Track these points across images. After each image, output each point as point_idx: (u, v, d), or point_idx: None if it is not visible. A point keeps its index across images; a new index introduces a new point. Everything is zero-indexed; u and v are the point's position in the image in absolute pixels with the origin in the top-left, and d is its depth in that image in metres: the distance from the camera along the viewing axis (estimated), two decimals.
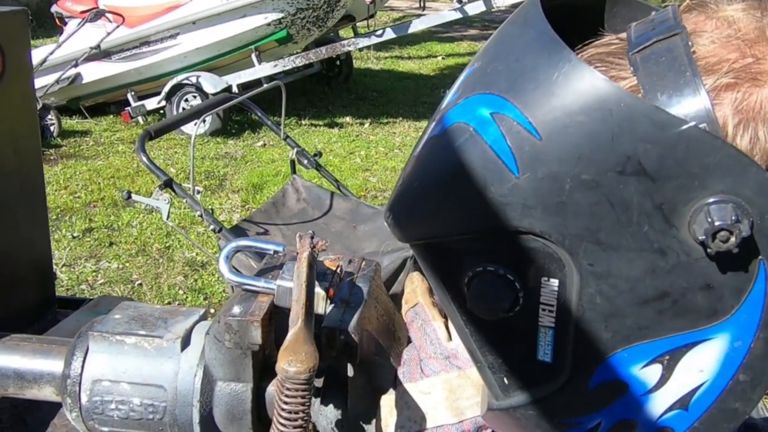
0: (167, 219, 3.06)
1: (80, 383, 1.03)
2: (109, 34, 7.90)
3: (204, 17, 7.95)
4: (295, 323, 0.85)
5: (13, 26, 1.72)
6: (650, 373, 0.64)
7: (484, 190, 0.64)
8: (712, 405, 0.64)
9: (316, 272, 0.97)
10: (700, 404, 0.64)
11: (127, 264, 5.29)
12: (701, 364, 0.62)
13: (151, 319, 1.08)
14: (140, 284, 5.00)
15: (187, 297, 4.82)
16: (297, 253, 0.99)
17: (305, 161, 3.78)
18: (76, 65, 7.95)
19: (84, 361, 1.03)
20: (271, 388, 1.03)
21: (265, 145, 8.02)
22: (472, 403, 0.86)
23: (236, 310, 0.96)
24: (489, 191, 0.63)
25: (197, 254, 5.36)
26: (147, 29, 8.12)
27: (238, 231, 3.21)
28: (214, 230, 3.09)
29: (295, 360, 0.76)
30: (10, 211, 1.75)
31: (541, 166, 0.61)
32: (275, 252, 1.03)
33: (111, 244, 5.58)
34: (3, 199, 1.72)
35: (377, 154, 7.73)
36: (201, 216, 3.08)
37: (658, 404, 0.65)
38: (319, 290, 0.96)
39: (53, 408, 1.59)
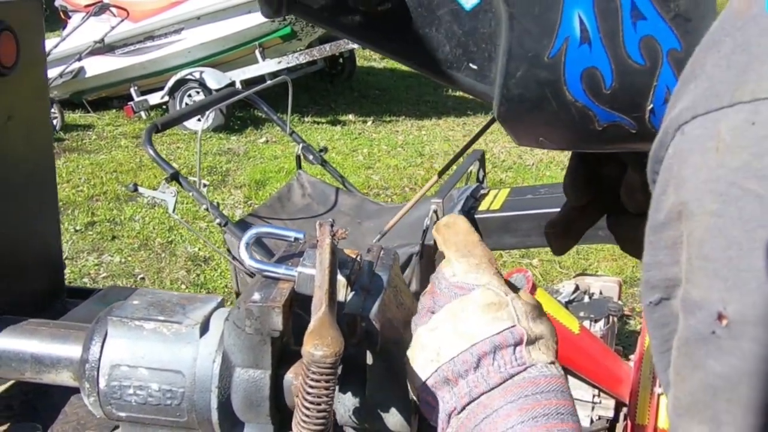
0: (173, 212, 3.06)
1: (99, 368, 1.03)
2: (113, 28, 7.90)
3: (209, 13, 7.95)
4: (319, 309, 0.85)
5: (26, 15, 1.72)
6: None
7: None
8: None
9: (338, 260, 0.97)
10: None
11: (130, 258, 5.29)
12: None
13: (170, 305, 1.08)
14: (142, 278, 5.01)
15: (189, 292, 4.82)
16: (317, 240, 1.00)
17: (311, 157, 3.78)
18: (79, 59, 7.95)
19: (102, 346, 1.03)
20: (289, 375, 1.04)
21: (267, 141, 8.02)
22: (481, 323, 0.81)
23: (257, 296, 0.96)
24: None
25: (199, 249, 5.36)
26: (151, 24, 8.13)
27: (243, 225, 3.21)
28: (219, 224, 3.08)
29: (321, 344, 0.76)
30: (22, 200, 1.75)
31: None
32: (295, 239, 1.03)
33: (113, 237, 5.58)
34: (15, 188, 1.72)
35: (380, 152, 7.73)
36: (207, 209, 3.07)
37: None
38: (340, 277, 0.96)
39: (64, 396, 1.59)
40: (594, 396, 2.99)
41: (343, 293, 0.97)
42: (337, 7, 0.72)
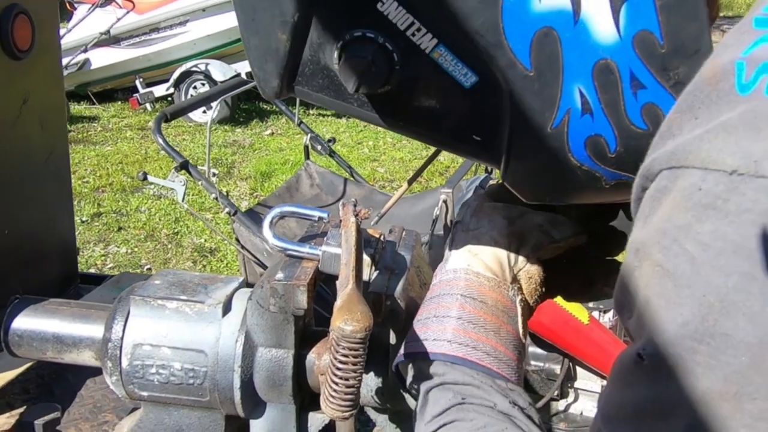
0: (182, 200, 3.05)
1: (121, 347, 1.03)
2: (118, 20, 7.88)
3: (214, 4, 7.93)
4: (345, 286, 0.85)
5: (43, 0, 1.72)
6: None
7: None
8: None
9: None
10: None
11: (136, 249, 5.29)
12: None
13: (191, 285, 1.08)
14: (149, 269, 5.00)
15: None
16: (340, 220, 1.00)
17: (319, 147, 3.78)
18: (85, 51, 7.94)
19: (125, 325, 1.03)
20: (312, 355, 1.04)
21: (273, 133, 8.02)
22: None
23: (281, 275, 0.96)
24: None
25: (205, 240, 5.36)
26: (157, 16, 8.11)
27: (252, 215, 3.21)
28: (229, 213, 3.08)
29: (351, 319, 0.76)
30: (37, 186, 1.75)
31: None
32: (319, 218, 1.03)
33: (120, 228, 5.58)
34: (30, 174, 1.72)
35: (385, 145, 7.72)
36: (216, 199, 3.07)
37: None
38: (365, 256, 0.96)
39: (80, 379, 1.59)
40: (602, 386, 2.98)
41: (368, 272, 0.97)
42: (337, 90, 0.73)
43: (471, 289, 0.85)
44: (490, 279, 0.87)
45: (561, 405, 3.05)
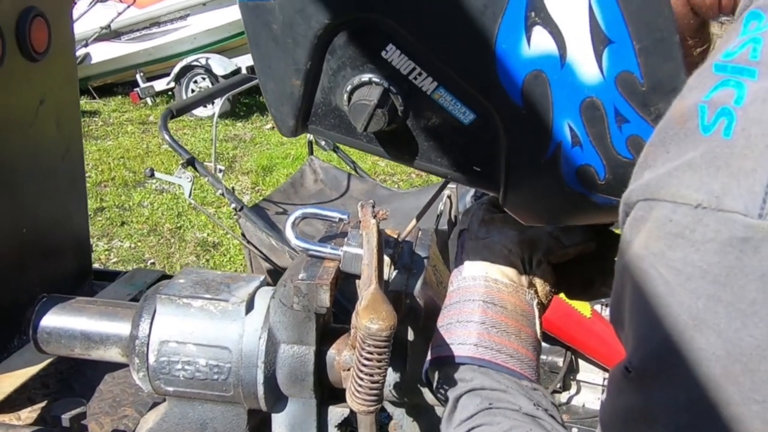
0: (189, 197, 3.08)
1: (148, 344, 1.07)
2: (119, 14, 7.89)
3: None
4: (368, 285, 0.88)
5: (58, 2, 1.74)
6: None
7: None
8: None
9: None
10: None
11: (139, 243, 5.32)
12: None
13: (214, 283, 1.12)
14: (153, 263, 5.04)
15: None
16: (359, 221, 1.03)
17: (323, 142, 3.81)
18: (86, 45, 7.94)
19: (152, 323, 1.07)
20: (332, 351, 1.07)
21: (273, 127, 8.02)
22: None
23: (304, 274, 0.99)
24: None
25: (208, 234, 5.39)
26: (157, 10, 8.12)
27: (258, 210, 3.24)
28: (235, 209, 3.11)
29: (377, 318, 0.79)
30: (53, 183, 1.78)
31: None
32: (339, 219, 1.06)
33: (122, 223, 5.61)
34: (47, 172, 1.75)
35: None
36: (222, 194, 3.09)
37: None
38: (385, 256, 0.99)
39: (98, 374, 1.63)
40: (605, 379, 3.02)
41: (388, 272, 1.00)
42: (347, 129, 0.80)
43: (491, 295, 0.90)
44: (507, 285, 0.91)
45: (563, 397, 3.10)
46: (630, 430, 0.58)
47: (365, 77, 0.75)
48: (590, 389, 3.09)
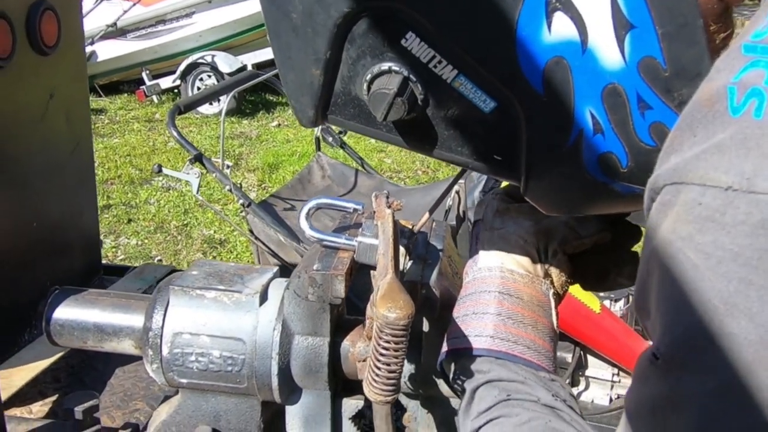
0: (197, 193, 3.08)
1: (162, 336, 1.06)
2: (125, 12, 7.90)
3: None
4: (384, 275, 0.88)
5: None
6: None
7: None
8: None
9: None
10: None
11: (146, 240, 5.33)
12: None
13: (228, 275, 1.11)
14: (160, 260, 5.04)
15: None
16: (373, 211, 1.02)
17: (330, 139, 3.81)
18: (91, 43, 7.95)
19: (165, 315, 1.06)
20: (346, 343, 1.07)
21: (279, 125, 8.04)
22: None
23: (318, 265, 0.99)
24: None
25: (215, 231, 5.40)
26: (163, 8, 8.13)
27: (265, 206, 3.24)
28: (243, 204, 3.11)
29: (394, 306, 0.79)
30: (63, 178, 1.78)
31: None
32: (354, 210, 1.06)
33: (129, 220, 5.62)
34: (57, 167, 1.75)
35: None
36: (230, 190, 3.10)
37: None
38: (400, 247, 0.99)
39: (109, 368, 1.63)
40: (613, 375, 3.02)
41: (403, 262, 1.00)
42: (367, 118, 0.80)
43: (507, 286, 0.89)
44: (523, 275, 0.90)
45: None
46: (657, 419, 0.57)
47: (385, 66, 0.74)
48: (599, 385, 3.08)
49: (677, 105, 0.68)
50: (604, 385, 3.07)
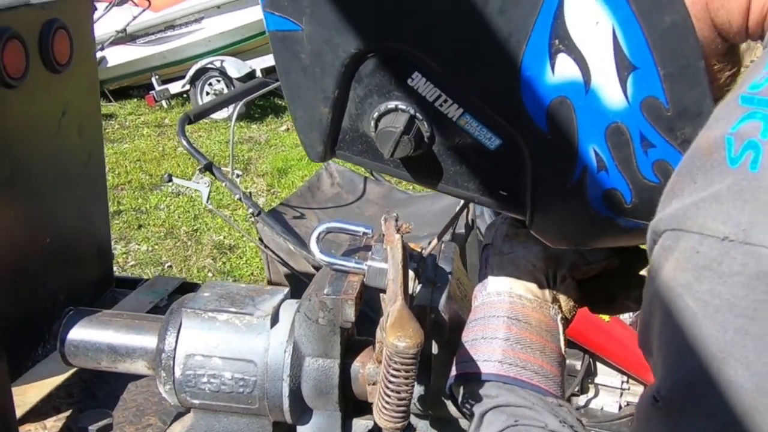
0: (207, 201, 3.10)
1: (174, 357, 1.08)
2: (135, 17, 7.94)
3: (229, 1, 7.98)
4: (394, 301, 0.89)
5: (79, 12, 1.76)
6: None
7: None
8: None
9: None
10: None
11: (156, 246, 5.35)
12: None
13: (239, 297, 1.13)
14: (170, 266, 5.07)
15: (215, 279, 4.87)
16: (382, 235, 1.04)
17: None
18: (101, 49, 7.99)
19: (177, 336, 1.08)
20: (356, 364, 1.08)
21: (288, 129, 8.06)
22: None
23: (329, 289, 1.00)
24: None
25: (225, 237, 5.42)
26: (172, 13, 8.16)
27: (275, 214, 3.25)
28: (252, 213, 3.12)
29: (404, 336, 0.80)
30: (75, 190, 1.80)
31: None
32: (363, 233, 1.07)
33: (140, 226, 5.64)
34: (70, 181, 1.77)
35: None
36: (240, 199, 3.11)
37: None
38: (410, 271, 1.00)
39: (121, 383, 1.64)
40: (623, 382, 3.02)
41: (412, 286, 1.01)
42: (375, 154, 0.81)
43: (515, 311, 0.90)
44: (532, 300, 0.91)
45: (581, 400, 3.10)
46: None
47: (391, 104, 0.75)
48: (608, 392, 3.09)
49: (680, 144, 0.69)
50: (613, 392, 3.07)
